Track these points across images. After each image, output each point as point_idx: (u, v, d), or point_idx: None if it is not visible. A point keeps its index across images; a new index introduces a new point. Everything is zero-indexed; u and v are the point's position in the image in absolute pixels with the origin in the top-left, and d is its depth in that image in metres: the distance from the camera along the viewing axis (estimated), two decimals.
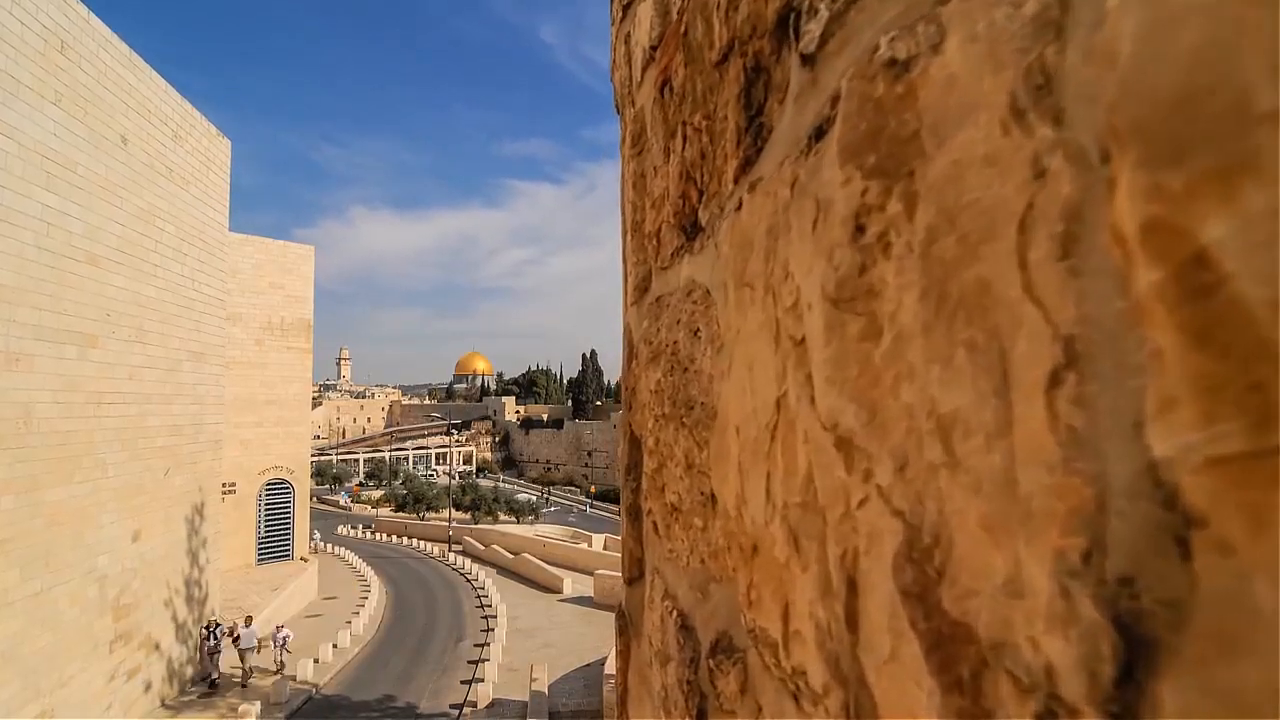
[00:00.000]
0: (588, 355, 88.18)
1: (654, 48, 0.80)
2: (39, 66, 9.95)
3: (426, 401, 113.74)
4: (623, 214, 1.13)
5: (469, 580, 27.06)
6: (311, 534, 26.48)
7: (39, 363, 9.98)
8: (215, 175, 15.62)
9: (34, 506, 9.80)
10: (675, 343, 0.69)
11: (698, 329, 0.65)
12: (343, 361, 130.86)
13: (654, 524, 0.89)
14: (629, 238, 1.02)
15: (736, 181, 0.55)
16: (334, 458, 70.97)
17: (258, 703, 12.75)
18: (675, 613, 0.69)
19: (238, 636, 14.78)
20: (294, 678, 14.90)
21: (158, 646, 13.17)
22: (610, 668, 13.63)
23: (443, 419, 73.95)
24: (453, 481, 49.43)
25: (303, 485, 25.33)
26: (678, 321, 0.69)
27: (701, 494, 0.63)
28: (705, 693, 0.57)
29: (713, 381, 0.59)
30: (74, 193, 10.69)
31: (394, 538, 39.14)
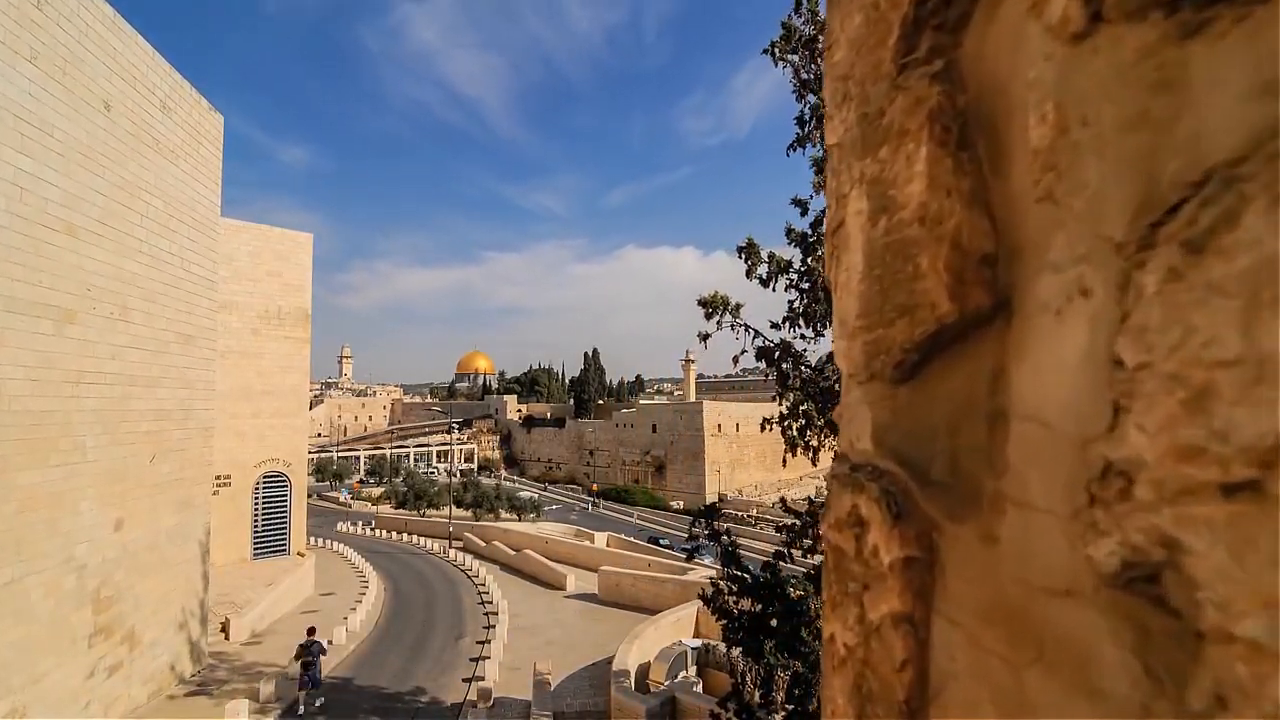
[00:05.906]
0: (589, 354, 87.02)
1: None
2: (11, 20, 9.29)
3: (428, 400, 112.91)
4: None
5: (470, 577, 26.41)
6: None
7: (10, 336, 9.32)
8: (207, 150, 14.95)
9: (3, 490, 9.14)
10: None
11: None
12: (344, 360, 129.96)
13: None
14: None
15: None
16: (335, 454, 70.34)
17: (246, 701, 12.07)
18: None
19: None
20: (286, 674, 14.22)
21: (143, 641, 12.50)
22: (622, 663, 12.88)
23: (444, 416, 73.16)
24: (454, 479, 48.73)
25: (300, 478, 24.66)
26: None
27: None
28: None
29: None
30: (50, 157, 10.03)
31: (395, 534, 38.60)
